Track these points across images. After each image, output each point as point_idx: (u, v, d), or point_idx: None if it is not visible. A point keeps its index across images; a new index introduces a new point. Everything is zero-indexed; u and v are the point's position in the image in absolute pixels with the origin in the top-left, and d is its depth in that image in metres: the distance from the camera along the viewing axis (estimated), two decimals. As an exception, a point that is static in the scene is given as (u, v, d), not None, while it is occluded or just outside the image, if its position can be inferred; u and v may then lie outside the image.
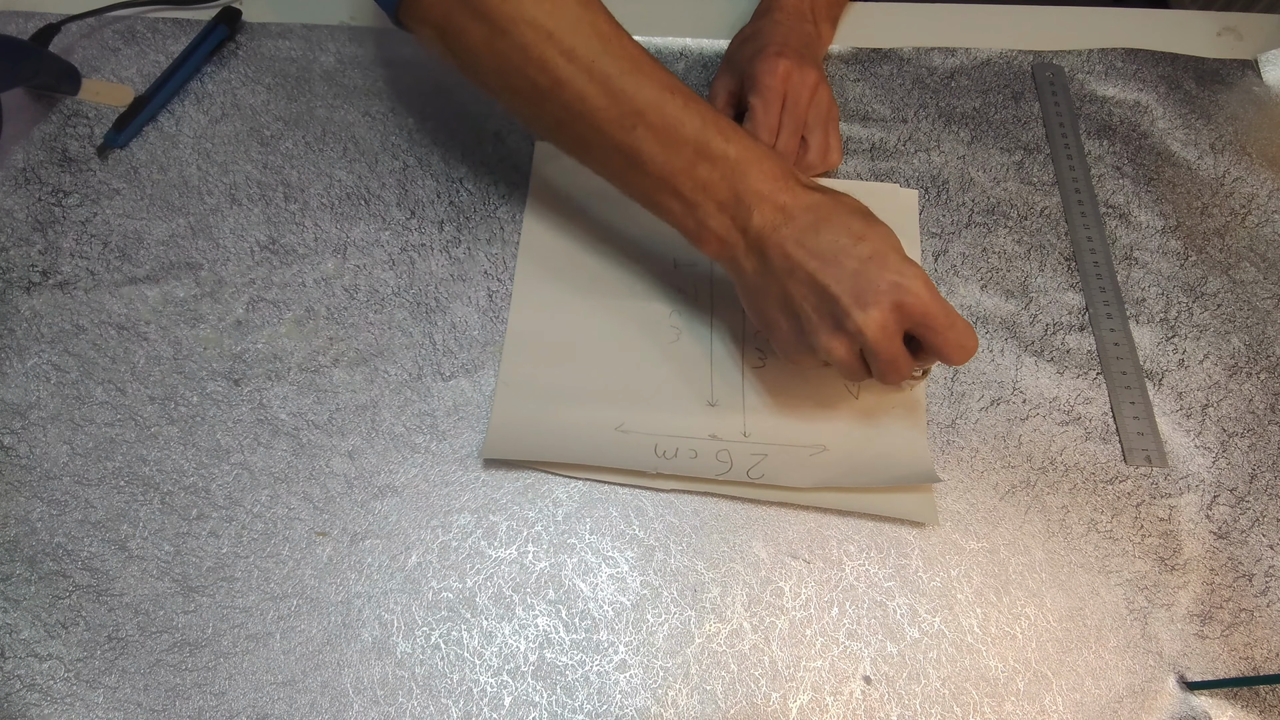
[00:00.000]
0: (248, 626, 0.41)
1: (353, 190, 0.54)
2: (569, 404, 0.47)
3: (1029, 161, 0.58)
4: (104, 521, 0.43)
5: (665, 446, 0.46)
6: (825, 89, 0.53)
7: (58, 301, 0.49)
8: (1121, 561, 0.44)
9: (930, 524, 0.45)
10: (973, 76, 0.62)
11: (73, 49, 0.58)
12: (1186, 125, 0.60)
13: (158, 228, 0.52)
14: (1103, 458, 0.47)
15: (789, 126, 0.52)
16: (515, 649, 0.41)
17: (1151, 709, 0.41)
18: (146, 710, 0.39)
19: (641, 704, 0.40)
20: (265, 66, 0.59)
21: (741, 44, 0.56)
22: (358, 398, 0.47)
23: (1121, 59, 0.63)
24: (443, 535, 0.44)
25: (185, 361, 0.47)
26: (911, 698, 0.41)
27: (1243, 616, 0.43)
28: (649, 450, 0.45)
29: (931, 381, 0.49)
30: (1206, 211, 0.57)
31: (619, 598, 0.43)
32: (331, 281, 0.51)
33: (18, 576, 0.41)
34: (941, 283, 0.53)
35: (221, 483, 0.44)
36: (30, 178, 0.53)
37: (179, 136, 0.55)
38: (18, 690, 0.39)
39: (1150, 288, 0.53)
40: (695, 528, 0.44)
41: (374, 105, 0.57)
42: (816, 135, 0.53)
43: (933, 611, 0.43)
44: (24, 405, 0.46)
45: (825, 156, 0.54)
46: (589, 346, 0.49)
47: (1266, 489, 0.47)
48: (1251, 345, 0.52)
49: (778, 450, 0.46)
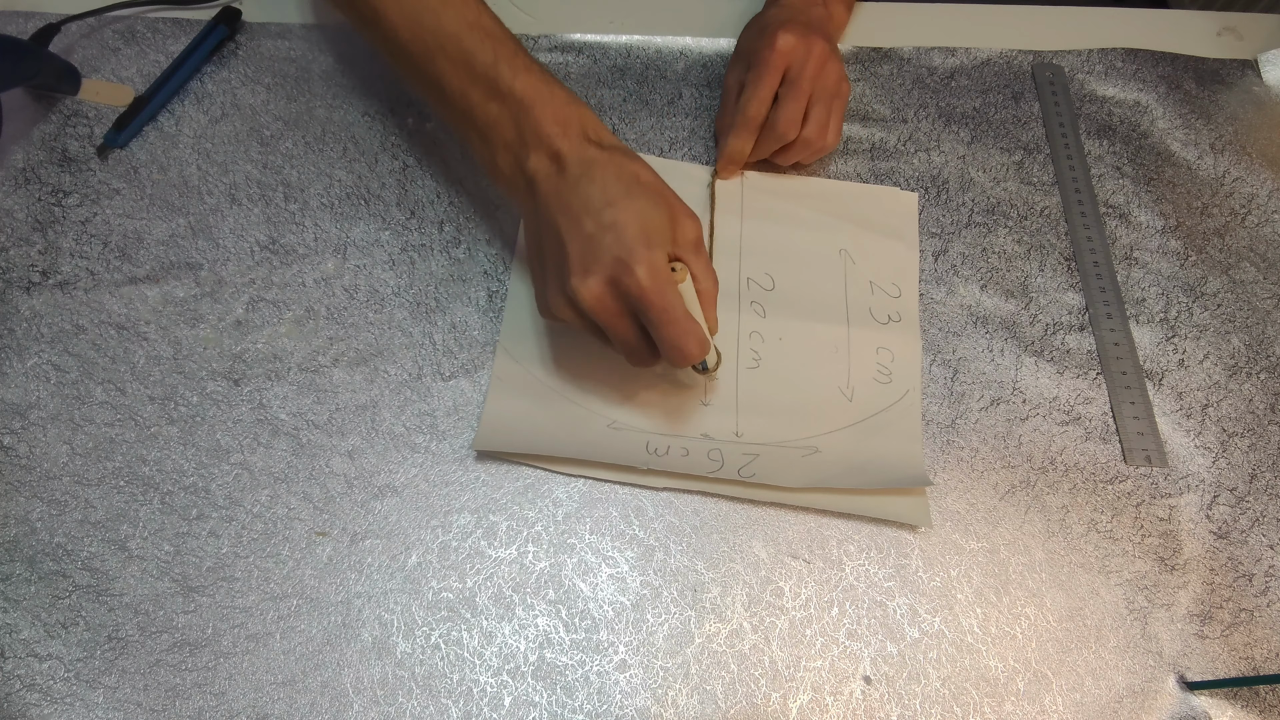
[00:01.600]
0: (248, 626, 0.41)
1: (353, 190, 0.54)
2: (561, 400, 0.47)
3: (1029, 161, 0.58)
4: (104, 521, 0.43)
5: (657, 444, 0.46)
6: (835, 63, 0.51)
7: (58, 301, 0.49)
8: (1121, 561, 0.44)
9: (924, 527, 0.45)
10: (973, 76, 0.62)
11: (73, 49, 0.58)
12: (1186, 125, 0.60)
13: (158, 228, 0.52)
14: (1103, 458, 0.47)
15: (790, 96, 0.50)
16: (515, 649, 0.41)
17: (1151, 709, 0.41)
18: (146, 710, 0.39)
19: (641, 704, 0.40)
20: (265, 66, 0.59)
21: (749, 30, 0.56)
22: (358, 398, 0.47)
23: (1121, 59, 0.63)
24: (443, 535, 0.44)
25: (185, 361, 0.47)
26: (911, 698, 0.41)
27: (1243, 616, 0.43)
28: (640, 447, 0.45)
29: (931, 382, 0.49)
30: (1206, 211, 0.57)
31: (619, 598, 0.43)
32: (331, 281, 0.51)
33: (18, 576, 0.41)
34: (941, 283, 0.53)
35: (221, 483, 0.44)
36: (30, 178, 0.53)
37: (179, 136, 0.55)
38: (18, 690, 0.39)
39: (1150, 288, 0.53)
40: (695, 528, 0.44)
41: (374, 105, 0.57)
42: (818, 109, 0.51)
43: (933, 611, 0.43)
44: (24, 405, 0.46)
45: (822, 133, 0.52)
46: (582, 344, 0.49)
47: (1266, 489, 0.47)
48: (1251, 345, 0.52)
49: (770, 450, 0.46)
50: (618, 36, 0.62)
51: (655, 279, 0.38)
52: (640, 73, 0.60)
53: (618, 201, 0.39)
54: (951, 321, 0.51)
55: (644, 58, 0.61)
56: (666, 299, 0.38)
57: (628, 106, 0.59)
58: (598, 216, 0.39)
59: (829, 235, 0.53)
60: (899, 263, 0.53)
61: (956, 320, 0.51)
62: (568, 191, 0.40)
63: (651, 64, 0.61)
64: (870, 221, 0.54)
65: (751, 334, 0.50)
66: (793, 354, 0.49)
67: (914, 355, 0.50)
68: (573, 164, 0.40)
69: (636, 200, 0.39)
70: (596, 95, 0.59)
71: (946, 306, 0.52)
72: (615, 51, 0.61)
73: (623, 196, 0.39)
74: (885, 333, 0.50)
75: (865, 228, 0.54)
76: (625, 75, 0.60)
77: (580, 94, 0.58)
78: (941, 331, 0.51)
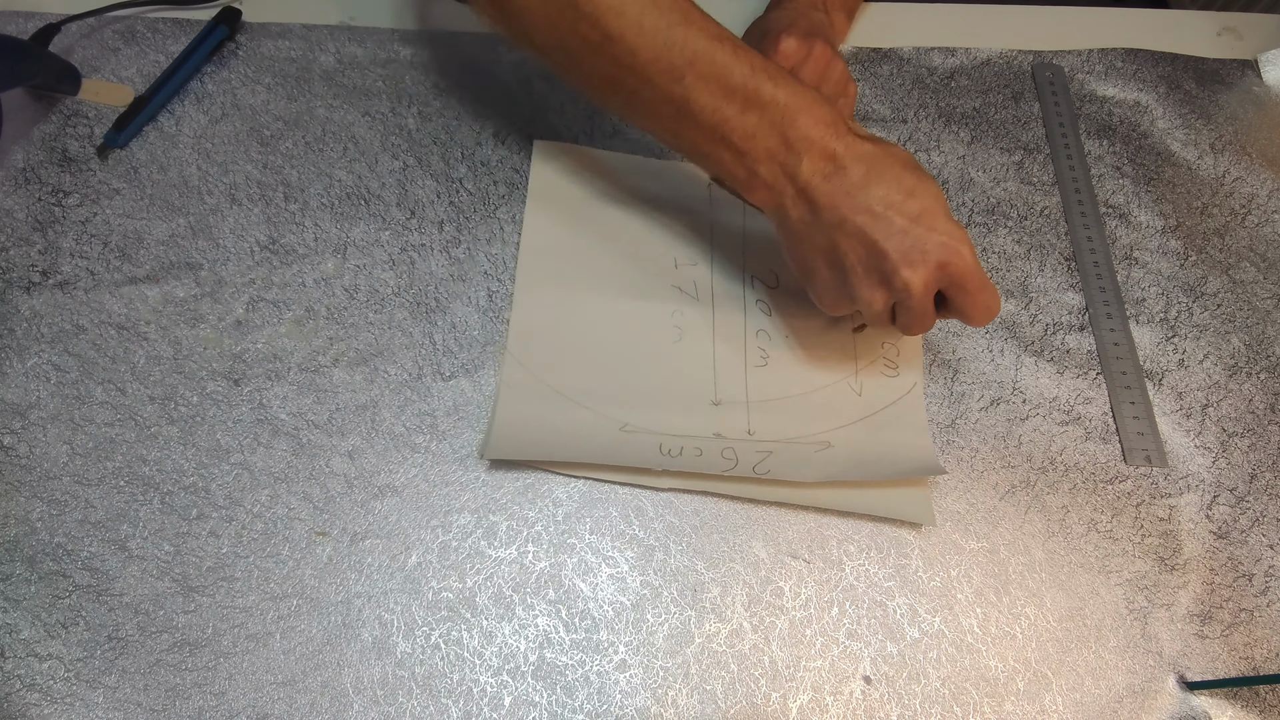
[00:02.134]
0: (248, 626, 0.41)
1: (353, 190, 0.54)
2: (572, 404, 0.47)
3: (1029, 161, 0.58)
4: (104, 521, 0.43)
5: (670, 445, 0.46)
6: (839, 64, 0.52)
7: (58, 301, 0.49)
8: (1121, 561, 0.44)
9: (928, 524, 0.45)
10: (973, 76, 0.62)
11: (73, 49, 0.58)
12: (1186, 125, 0.60)
13: (158, 228, 0.52)
14: (1103, 458, 0.47)
15: None
16: (515, 649, 0.41)
17: (1151, 709, 0.41)
18: (146, 710, 0.39)
19: (641, 704, 0.40)
20: (265, 66, 0.59)
21: (750, 34, 0.56)
22: (358, 398, 0.47)
23: (1121, 59, 0.63)
24: (443, 535, 0.44)
25: (185, 361, 0.47)
26: (911, 698, 0.41)
27: (1243, 616, 0.43)
28: (654, 449, 0.45)
29: (931, 381, 0.49)
30: (1206, 211, 0.57)
31: (619, 598, 0.43)
32: (331, 281, 0.51)
33: (18, 576, 0.41)
34: (941, 283, 0.53)
35: (221, 483, 0.44)
36: (30, 178, 0.53)
37: (179, 136, 0.55)
38: (18, 690, 0.39)
39: (1150, 288, 0.53)
40: (695, 527, 0.44)
41: (374, 105, 0.57)
42: None
43: (933, 611, 0.43)
44: (24, 405, 0.46)
45: None
46: (591, 347, 0.49)
47: (1266, 489, 0.47)
48: (1251, 345, 0.52)
49: (783, 447, 0.46)
50: (618, 36, 0.62)
51: (973, 251, 0.40)
52: (640, 73, 0.60)
53: (915, 191, 0.40)
54: (952, 321, 0.51)
55: (644, 58, 0.61)
56: (981, 268, 0.41)
57: (628, 106, 0.59)
58: (905, 209, 0.40)
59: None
60: None
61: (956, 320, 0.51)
62: (859, 191, 0.40)
63: (651, 64, 0.61)
64: None
65: (759, 332, 0.50)
66: (800, 350, 0.49)
67: (916, 347, 0.50)
68: (850, 162, 0.41)
69: (924, 182, 0.41)
70: (596, 95, 0.59)
71: (946, 306, 0.52)
72: (615, 51, 0.61)
73: (916, 183, 0.40)
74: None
75: None
76: (625, 75, 0.60)
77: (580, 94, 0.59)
78: (941, 331, 0.51)
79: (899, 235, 0.40)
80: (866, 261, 0.41)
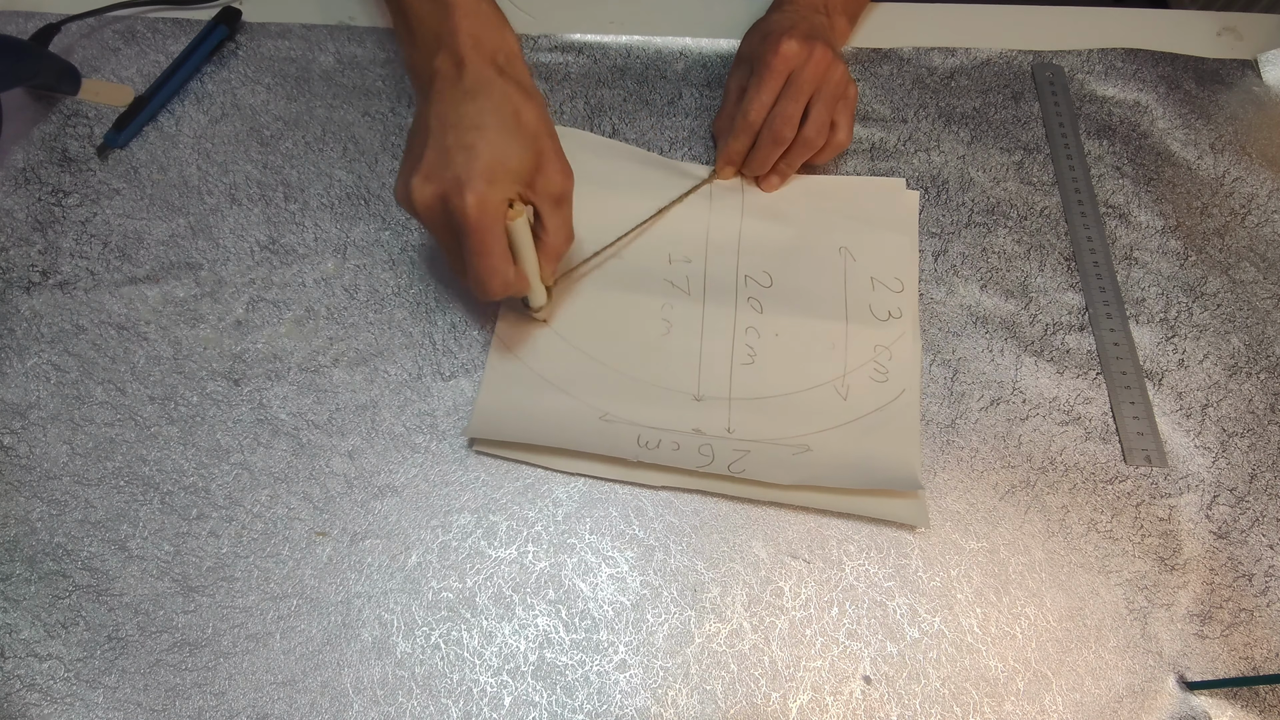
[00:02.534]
0: (248, 626, 0.41)
1: (353, 190, 0.54)
2: (555, 391, 0.47)
3: (1029, 161, 0.58)
4: (104, 521, 0.43)
5: (648, 437, 0.45)
6: (839, 67, 0.52)
7: (58, 301, 0.49)
8: (1121, 561, 0.44)
9: (921, 527, 0.44)
10: (973, 76, 0.62)
11: (73, 49, 0.58)
12: (1186, 125, 0.60)
13: (158, 228, 0.52)
14: (1103, 458, 0.47)
15: (789, 96, 0.51)
16: (515, 649, 0.41)
17: (1151, 709, 0.41)
18: (146, 710, 0.39)
19: (641, 704, 0.40)
20: (265, 66, 0.59)
21: (752, 35, 0.56)
22: (358, 398, 0.47)
23: (1121, 59, 0.63)
24: (443, 535, 0.44)
25: (185, 361, 0.47)
26: (911, 698, 0.41)
27: (1243, 616, 0.43)
28: (632, 440, 0.45)
29: (931, 382, 0.49)
30: (1206, 211, 0.57)
31: (619, 598, 0.43)
32: (331, 281, 0.51)
33: (18, 576, 0.41)
34: (941, 283, 0.53)
35: (221, 483, 0.44)
36: (30, 178, 0.53)
37: (179, 136, 0.55)
38: (18, 690, 0.39)
39: (1150, 288, 0.53)
40: (695, 528, 0.44)
41: (374, 105, 0.57)
42: (818, 109, 0.51)
43: (933, 611, 0.43)
44: (24, 405, 0.46)
45: (822, 133, 0.52)
46: (579, 335, 0.49)
47: (1266, 489, 0.47)
48: (1251, 345, 0.52)
49: (760, 448, 0.46)
50: (618, 37, 0.62)
51: (481, 211, 0.39)
52: (640, 73, 0.60)
53: (485, 128, 0.40)
54: (951, 321, 0.51)
55: (644, 58, 0.61)
56: (485, 233, 0.40)
57: (628, 106, 0.59)
58: (460, 134, 0.40)
59: (828, 233, 0.54)
60: (901, 256, 0.53)
61: (956, 320, 0.51)
62: (453, 100, 0.41)
63: (651, 64, 0.61)
64: (871, 217, 0.54)
65: (748, 329, 0.50)
66: (788, 350, 0.49)
67: (913, 355, 0.50)
68: (469, 77, 0.41)
69: (504, 135, 0.40)
70: (596, 95, 0.59)
71: (946, 306, 0.52)
72: (615, 51, 0.61)
73: (493, 126, 0.40)
74: (884, 330, 0.50)
75: (865, 223, 0.54)
76: (625, 75, 0.60)
77: (580, 94, 0.59)
78: (941, 331, 0.51)
79: (439, 149, 0.40)
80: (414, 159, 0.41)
